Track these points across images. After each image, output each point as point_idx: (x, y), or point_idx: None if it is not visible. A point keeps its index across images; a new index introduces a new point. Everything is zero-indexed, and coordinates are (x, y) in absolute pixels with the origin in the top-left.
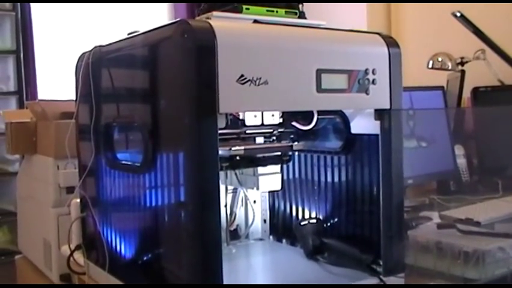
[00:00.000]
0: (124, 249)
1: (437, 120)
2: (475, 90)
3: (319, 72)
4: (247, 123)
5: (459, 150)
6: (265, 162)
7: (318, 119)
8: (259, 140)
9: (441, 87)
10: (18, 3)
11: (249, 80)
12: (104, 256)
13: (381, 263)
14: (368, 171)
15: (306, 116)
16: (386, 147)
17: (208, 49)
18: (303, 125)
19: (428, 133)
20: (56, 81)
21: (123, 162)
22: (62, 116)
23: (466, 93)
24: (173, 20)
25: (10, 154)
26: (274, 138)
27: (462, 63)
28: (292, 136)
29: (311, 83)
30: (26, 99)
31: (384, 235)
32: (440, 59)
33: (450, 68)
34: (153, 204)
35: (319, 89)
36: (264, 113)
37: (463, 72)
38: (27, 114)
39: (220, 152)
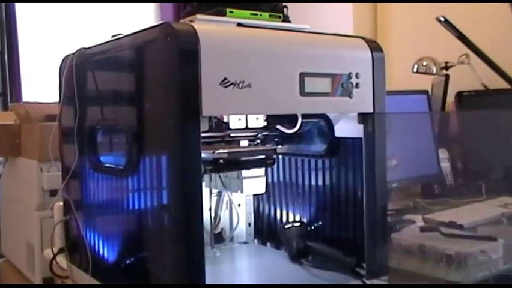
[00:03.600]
0: (107, 252)
1: (421, 124)
2: (459, 95)
3: (302, 75)
4: (232, 126)
5: (443, 153)
6: (249, 165)
7: (302, 122)
8: (244, 143)
9: (425, 91)
10: (3, 4)
11: (232, 83)
12: (87, 259)
13: (364, 266)
14: (352, 175)
15: (290, 120)
16: (370, 150)
17: (191, 52)
18: (288, 128)
19: (412, 137)
20: (42, 83)
21: (106, 165)
22: (46, 119)
23: (450, 98)
24: (157, 23)
25: None
26: (259, 141)
27: (446, 68)
28: (276, 139)
29: (295, 87)
30: (11, 101)
31: (367, 238)
32: (425, 63)
33: (435, 72)
34: (136, 207)
35: (302, 92)
36: (249, 116)
37: (447, 76)
38: (11, 116)
39: (203, 155)
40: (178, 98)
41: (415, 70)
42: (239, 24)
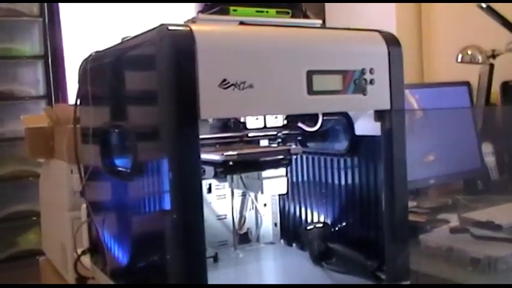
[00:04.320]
0: (122, 255)
1: (462, 118)
2: (504, 85)
3: (310, 73)
4: (249, 126)
5: (487, 147)
6: (261, 166)
7: (323, 120)
8: (264, 142)
9: (466, 83)
10: (45, 6)
11: (232, 85)
12: (105, 261)
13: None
14: (373, 174)
15: (311, 117)
16: (388, 148)
17: (187, 54)
18: (309, 126)
19: (450, 132)
20: None
21: (117, 168)
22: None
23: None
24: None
25: (29, 159)
26: (280, 140)
27: (494, 56)
28: (299, 138)
29: (301, 85)
30: (56, 103)
31: (387, 241)
32: (469, 52)
33: (480, 61)
34: (142, 211)
35: (311, 91)
36: (267, 115)
37: (491, 66)
38: (45, 119)
39: (213, 157)
40: (174, 102)
41: (459, 60)
42: (241, 23)
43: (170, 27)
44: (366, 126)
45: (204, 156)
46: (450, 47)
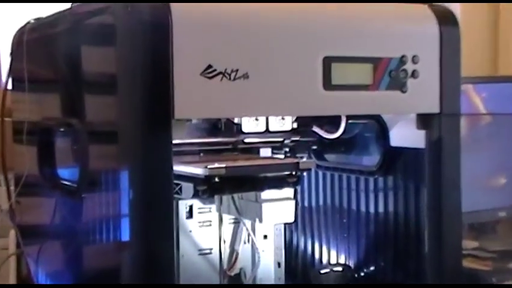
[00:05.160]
0: None
1: None
2: None
3: (327, 61)
4: (245, 129)
5: None
6: (260, 185)
7: (347, 124)
8: (265, 152)
9: None
10: None
11: (220, 73)
12: None
13: None
14: (414, 200)
15: (331, 121)
16: (435, 166)
17: (159, 28)
18: (328, 132)
19: None
20: None
21: (62, 181)
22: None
23: None
24: None
25: None
26: (287, 150)
27: None
28: (314, 148)
29: (316, 77)
30: None
31: None
32: None
33: None
34: (91, 240)
35: (328, 85)
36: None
37: None
38: None
39: (193, 171)
40: (139, 92)
41: None
42: None
43: None
44: (405, 135)
45: (181, 168)
46: None
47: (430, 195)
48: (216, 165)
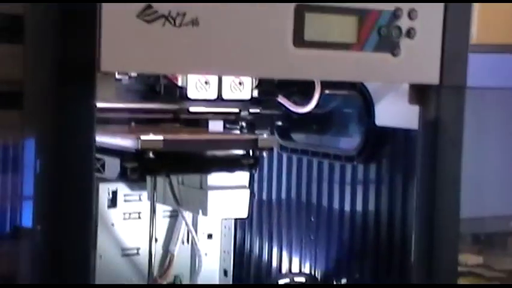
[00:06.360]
0: None
1: None
2: None
3: (300, 10)
4: (191, 94)
5: None
6: (207, 166)
7: (322, 95)
8: (216, 125)
9: None
10: None
11: (162, 16)
12: None
13: None
14: (401, 195)
15: (301, 89)
16: (429, 152)
17: None
18: (297, 104)
19: None
20: None
21: None
22: None
23: None
24: None
25: None
26: (243, 124)
27: None
28: (279, 123)
29: (284, 30)
30: None
31: None
32: None
33: None
34: None
35: (299, 40)
36: (223, 78)
37: None
38: None
39: (121, 143)
40: (50, 39)
41: None
42: None
43: None
44: (394, 111)
45: (106, 139)
46: None
47: (421, 190)
48: (151, 136)
